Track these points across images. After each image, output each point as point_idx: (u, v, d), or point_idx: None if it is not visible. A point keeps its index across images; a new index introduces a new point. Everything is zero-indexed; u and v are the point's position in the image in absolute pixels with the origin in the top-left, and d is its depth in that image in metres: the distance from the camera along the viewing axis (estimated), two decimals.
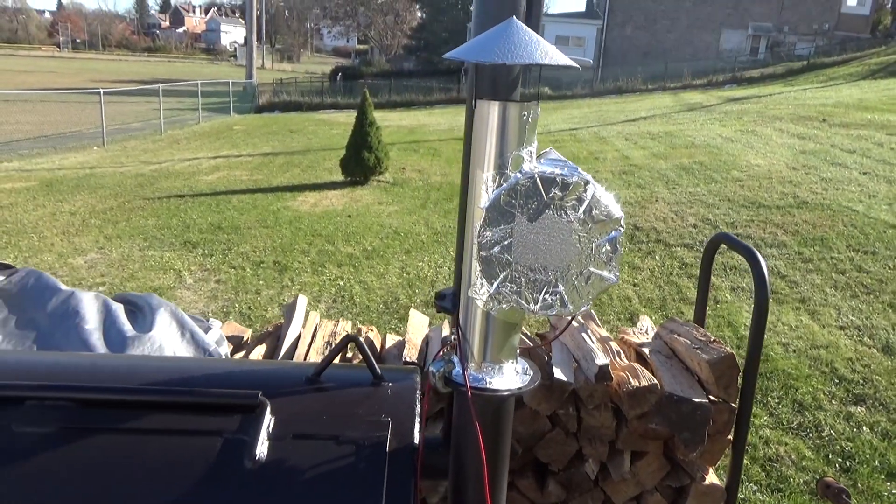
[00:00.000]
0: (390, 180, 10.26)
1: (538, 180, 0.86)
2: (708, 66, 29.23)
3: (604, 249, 0.88)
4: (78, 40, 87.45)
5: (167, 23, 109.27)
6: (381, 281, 5.83)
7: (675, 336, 2.06)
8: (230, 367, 1.21)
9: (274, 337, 2.10)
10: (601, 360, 1.85)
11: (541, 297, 0.89)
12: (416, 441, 1.02)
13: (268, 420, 0.99)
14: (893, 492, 2.96)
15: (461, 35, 38.88)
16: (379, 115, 10.62)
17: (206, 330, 2.05)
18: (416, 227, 7.54)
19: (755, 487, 3.02)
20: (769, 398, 3.71)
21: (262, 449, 0.95)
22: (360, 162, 9.95)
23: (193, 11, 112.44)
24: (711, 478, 1.93)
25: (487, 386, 0.94)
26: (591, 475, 1.91)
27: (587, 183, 0.86)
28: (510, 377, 0.95)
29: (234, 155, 13.59)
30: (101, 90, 15.77)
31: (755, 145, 10.97)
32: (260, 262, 6.31)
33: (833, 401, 3.70)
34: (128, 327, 1.94)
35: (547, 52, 0.82)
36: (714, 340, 1.95)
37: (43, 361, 1.23)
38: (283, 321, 2.18)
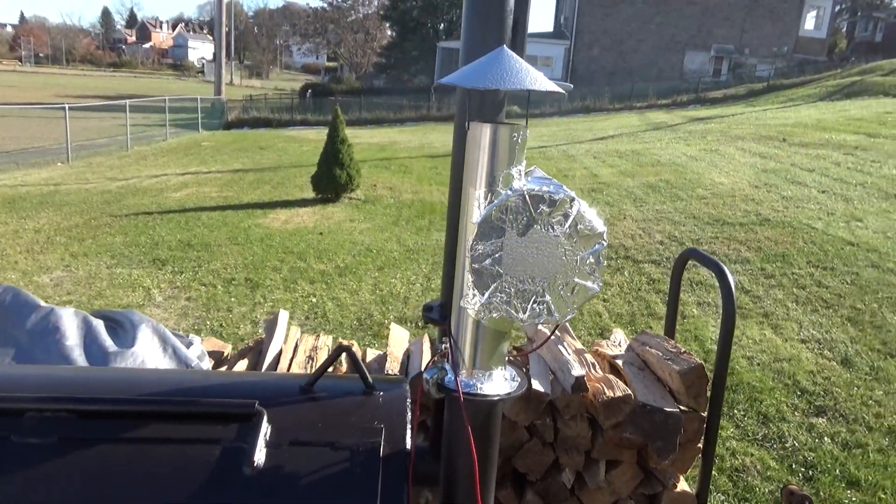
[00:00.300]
0: (362, 197, 10.29)
1: (527, 197, 0.92)
2: (672, 87, 29.96)
3: (588, 261, 0.95)
4: (41, 55, 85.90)
5: (133, 38, 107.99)
6: (355, 297, 5.85)
7: (647, 348, 2.13)
8: (224, 379, 1.24)
9: (255, 352, 2.11)
10: (577, 371, 1.91)
11: (529, 307, 0.95)
12: (409, 447, 1.06)
13: (265, 428, 1.02)
14: (854, 500, 3.07)
15: (431, 54, 39.25)
16: (349, 133, 10.64)
17: (188, 345, 2.06)
18: (388, 244, 7.57)
19: (723, 497, 3.10)
20: (735, 410, 3.81)
21: (259, 456, 0.99)
22: (331, 179, 9.97)
23: (160, 27, 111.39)
24: (682, 485, 1.99)
25: (479, 391, 0.99)
26: (567, 484, 1.96)
27: (573, 200, 0.93)
28: (499, 383, 1.00)
29: (203, 171, 13.48)
30: (66, 105, 15.53)
31: (719, 164, 11.28)
32: (231, 280, 6.27)
33: (796, 412, 3.82)
34: (109, 343, 1.95)
35: (536, 79, 0.88)
36: (684, 352, 2.03)
37: (37, 375, 1.24)
38: (263, 336, 2.19)
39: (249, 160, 15.23)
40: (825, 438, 3.55)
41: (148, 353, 1.92)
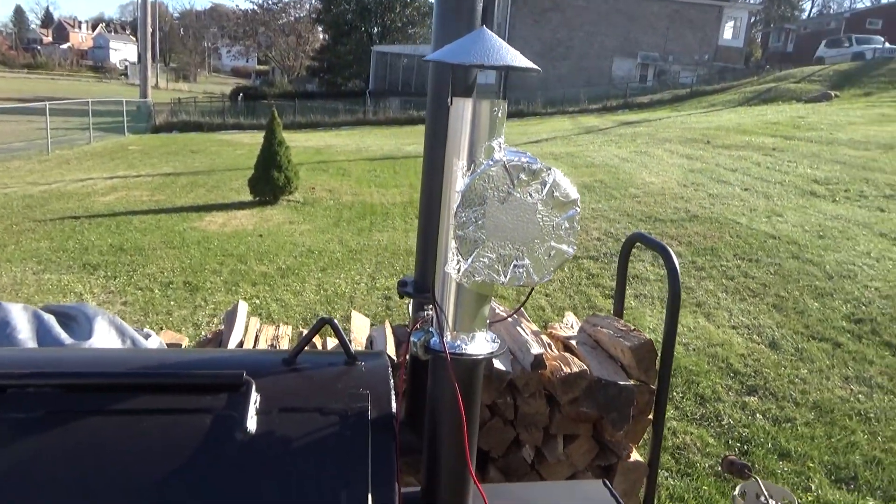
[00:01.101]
0: (300, 200, 10.18)
1: (507, 167, 0.99)
2: (602, 92, 30.88)
3: (563, 226, 1.02)
4: None
5: (49, 38, 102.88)
6: (299, 298, 5.80)
7: (599, 328, 2.24)
8: (206, 355, 1.25)
9: (215, 343, 2.10)
10: (536, 349, 1.99)
11: (510, 270, 1.01)
12: (394, 410, 1.11)
13: (254, 396, 1.04)
14: (786, 470, 3.29)
15: (365, 58, 39.09)
16: (285, 136, 10.51)
17: (146, 337, 2.03)
18: (329, 245, 7.53)
19: (666, 474, 3.26)
20: (674, 393, 4.00)
21: (251, 423, 1.01)
22: (269, 181, 9.82)
23: (79, 27, 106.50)
24: (635, 456, 2.10)
25: (464, 352, 1.04)
26: (528, 459, 2.04)
27: (549, 169, 1.00)
28: (482, 344, 1.06)
29: (133, 175, 13.02)
30: None
31: (649, 165, 11.72)
32: (169, 283, 6.11)
33: (730, 392, 4.04)
34: (64, 336, 1.90)
35: (515, 57, 0.95)
36: (634, 329, 2.14)
37: (15, 356, 1.21)
38: (223, 328, 2.18)
39: (181, 164, 14.80)
40: (757, 415, 3.77)
41: (106, 346, 1.88)
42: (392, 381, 1.16)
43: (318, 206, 9.77)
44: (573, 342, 2.21)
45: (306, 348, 1.21)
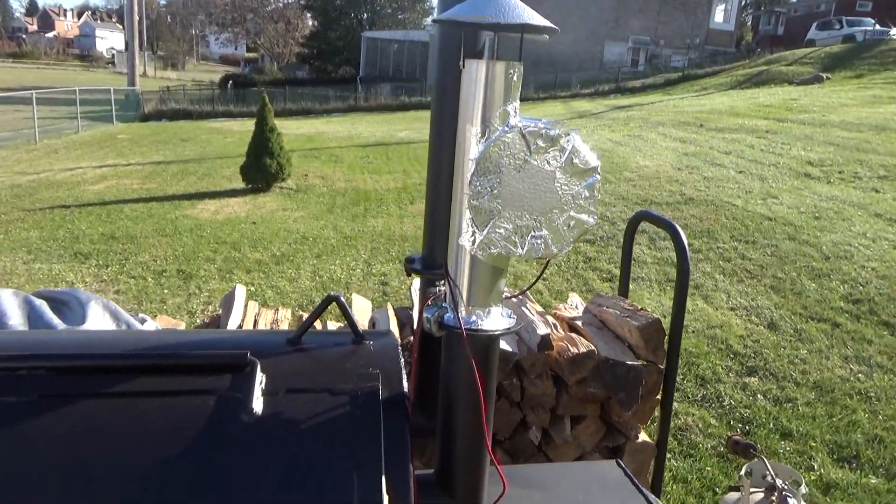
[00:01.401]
0: (293, 187, 10.08)
1: (524, 133, 0.93)
2: (594, 77, 30.76)
3: (583, 195, 0.97)
4: None
5: (35, 26, 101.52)
6: (294, 285, 5.74)
7: (604, 308, 2.20)
8: (207, 336, 1.20)
9: (213, 327, 2.05)
10: (542, 330, 1.95)
11: (527, 241, 0.96)
12: (406, 390, 1.06)
13: (259, 377, 1.00)
14: (788, 449, 3.27)
15: (356, 43, 38.77)
16: (276, 123, 10.39)
17: (142, 322, 1.98)
18: (324, 232, 7.46)
19: (669, 455, 3.24)
20: None
21: (257, 404, 0.96)
22: (261, 168, 9.72)
23: (64, 15, 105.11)
24: (643, 436, 2.07)
25: (480, 327, 1.00)
26: (535, 441, 2.01)
27: (568, 134, 0.95)
28: (498, 319, 1.02)
29: (122, 164, 12.87)
30: None
31: (642, 149, 11.68)
32: (162, 271, 6.04)
33: (730, 374, 4.03)
34: (57, 321, 1.84)
35: (532, 16, 0.90)
36: (641, 309, 2.10)
37: (10, 338, 1.16)
38: (220, 312, 2.13)
39: (171, 152, 14.64)
40: (758, 396, 3.76)
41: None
42: (402, 359, 1.12)
43: (312, 193, 9.69)
44: (578, 323, 2.17)
45: (310, 329, 1.17)
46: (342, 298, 1.13)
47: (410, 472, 0.97)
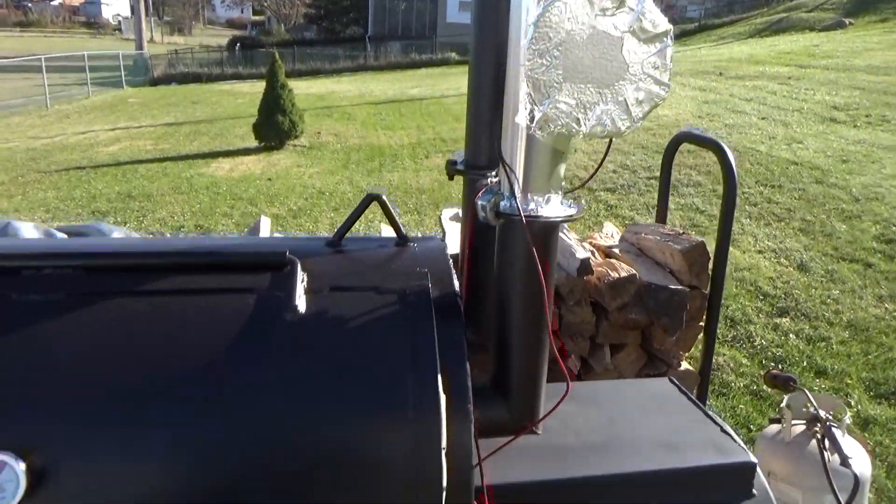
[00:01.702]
0: (306, 144, 9.98)
1: None
2: None
3: (654, 63, 0.87)
4: None
5: None
6: None
7: (643, 235, 2.11)
8: (243, 241, 1.13)
9: None
10: (581, 254, 1.87)
11: (592, 117, 0.87)
12: (457, 289, 0.99)
13: (300, 275, 0.93)
14: (824, 386, 3.21)
15: (364, 2, 38.04)
16: (287, 81, 10.25)
17: None
18: (340, 187, 7.38)
19: None
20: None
21: (300, 302, 0.89)
22: (274, 126, 9.61)
23: None
24: (685, 365, 2.01)
25: (539, 214, 0.92)
26: (573, 370, 1.95)
27: None
28: (557, 207, 0.94)
29: (134, 126, 12.79)
30: None
31: None
32: (180, 227, 6.01)
33: (760, 315, 3.95)
34: None
35: None
36: (683, 233, 2.01)
37: (34, 243, 1.10)
38: None
39: (182, 114, 14.54)
40: (790, 335, 3.68)
41: None
42: (450, 260, 1.04)
43: (325, 150, 9.58)
44: (616, 250, 2.09)
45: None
46: (384, 197, 1.05)
47: (467, 372, 0.90)
